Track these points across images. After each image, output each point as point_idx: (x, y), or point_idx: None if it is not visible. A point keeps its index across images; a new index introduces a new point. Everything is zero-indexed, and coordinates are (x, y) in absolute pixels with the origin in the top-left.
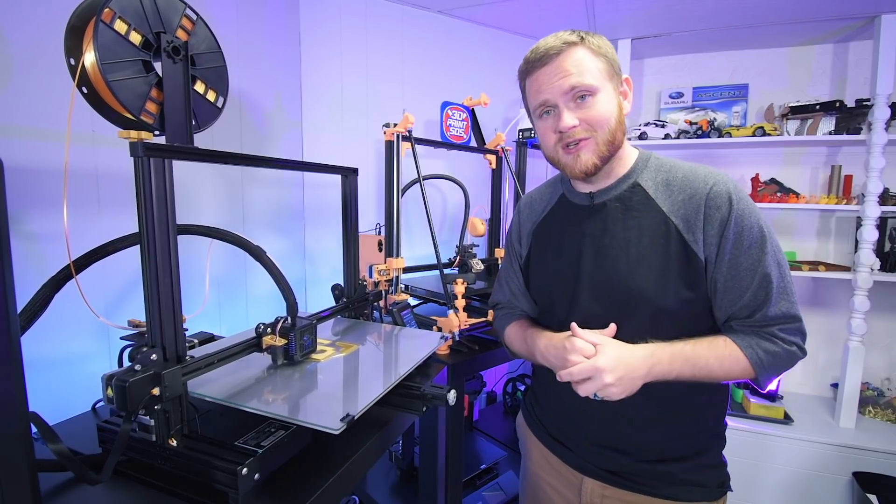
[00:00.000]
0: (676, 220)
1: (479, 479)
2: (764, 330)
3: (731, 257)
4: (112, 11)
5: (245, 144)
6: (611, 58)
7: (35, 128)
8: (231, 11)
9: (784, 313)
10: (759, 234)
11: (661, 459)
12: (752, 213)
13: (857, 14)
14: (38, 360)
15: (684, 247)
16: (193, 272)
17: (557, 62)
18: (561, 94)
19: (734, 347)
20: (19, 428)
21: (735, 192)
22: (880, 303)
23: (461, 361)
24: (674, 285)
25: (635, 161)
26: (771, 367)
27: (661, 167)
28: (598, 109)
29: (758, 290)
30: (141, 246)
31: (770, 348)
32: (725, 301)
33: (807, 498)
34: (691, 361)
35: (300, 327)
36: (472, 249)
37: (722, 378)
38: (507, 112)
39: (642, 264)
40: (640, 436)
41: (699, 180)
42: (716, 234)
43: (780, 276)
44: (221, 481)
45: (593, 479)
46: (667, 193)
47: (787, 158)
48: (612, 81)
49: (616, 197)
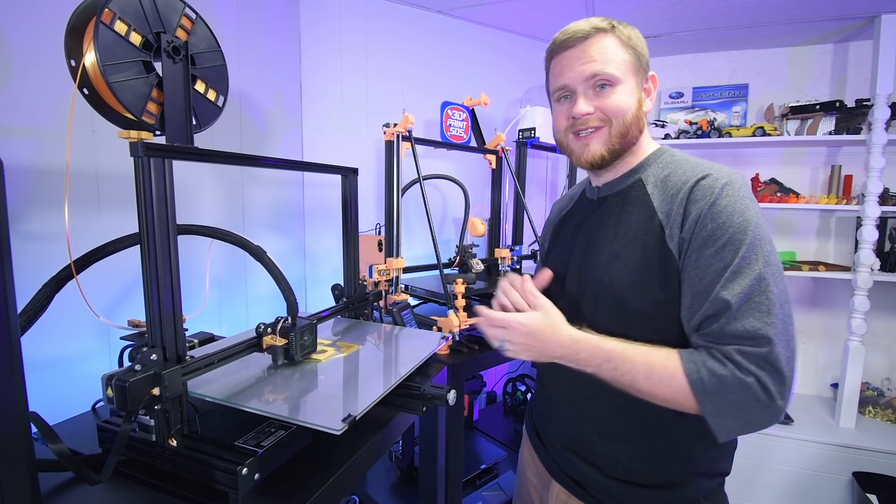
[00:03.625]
0: (661, 215)
1: (478, 479)
2: (718, 348)
3: (700, 256)
4: (112, 12)
5: (245, 144)
6: (640, 51)
7: (35, 128)
8: (231, 11)
9: (748, 331)
10: (739, 234)
11: (627, 481)
12: (738, 212)
13: (857, 14)
14: (38, 360)
15: (662, 243)
16: (193, 272)
17: (583, 47)
18: (581, 81)
19: (674, 360)
20: (19, 428)
21: (725, 187)
22: (880, 303)
23: (461, 361)
24: (646, 284)
25: (646, 156)
26: (717, 399)
27: (669, 163)
28: (616, 100)
29: (719, 297)
30: (141, 246)
31: (717, 370)
32: (688, 305)
33: (807, 498)
34: (614, 362)
35: (300, 327)
36: (472, 249)
37: (647, 394)
38: (507, 112)
39: (620, 258)
40: (605, 446)
41: (693, 172)
42: (690, 228)
43: (756, 287)
44: (221, 481)
45: (560, 485)
46: (662, 189)
47: (787, 158)
48: (637, 76)
49: (618, 192)
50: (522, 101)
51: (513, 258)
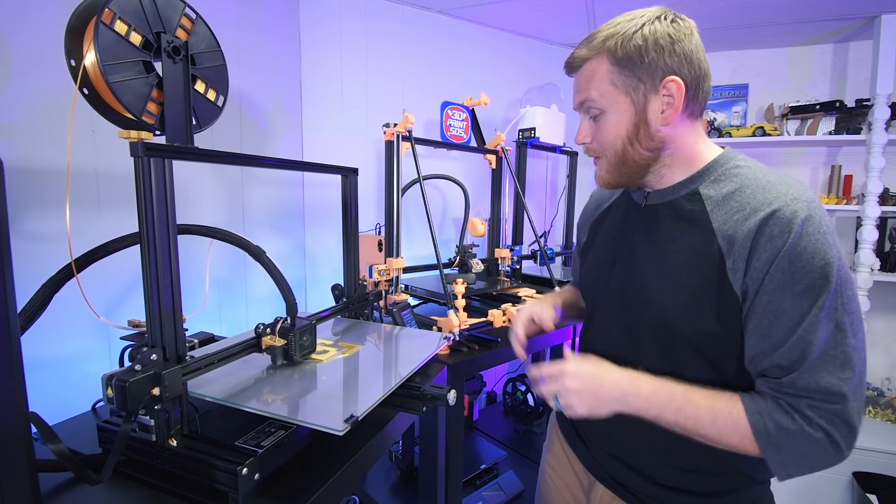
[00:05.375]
0: (722, 240)
1: (479, 479)
2: (786, 399)
3: (773, 299)
4: (112, 12)
5: (245, 144)
6: (643, 65)
7: (35, 128)
8: (231, 11)
9: (822, 388)
10: (820, 280)
11: (676, 488)
12: (820, 253)
13: (857, 14)
14: (38, 360)
15: (722, 273)
16: (193, 272)
17: (575, 76)
18: (577, 107)
19: (739, 407)
20: (19, 428)
21: (804, 223)
22: (880, 303)
23: (461, 361)
24: (700, 313)
25: (707, 165)
26: (782, 448)
27: (736, 176)
28: (605, 131)
29: (793, 348)
30: (141, 246)
31: (783, 423)
32: (755, 350)
33: (807, 498)
34: (676, 404)
35: (299, 328)
36: (472, 249)
37: (714, 439)
38: (507, 112)
39: (671, 282)
40: (651, 458)
41: (765, 198)
42: (762, 267)
43: (832, 339)
44: (221, 481)
45: (604, 487)
46: (724, 208)
47: (787, 158)
48: (635, 94)
49: (669, 202)
50: (522, 101)
51: (513, 258)
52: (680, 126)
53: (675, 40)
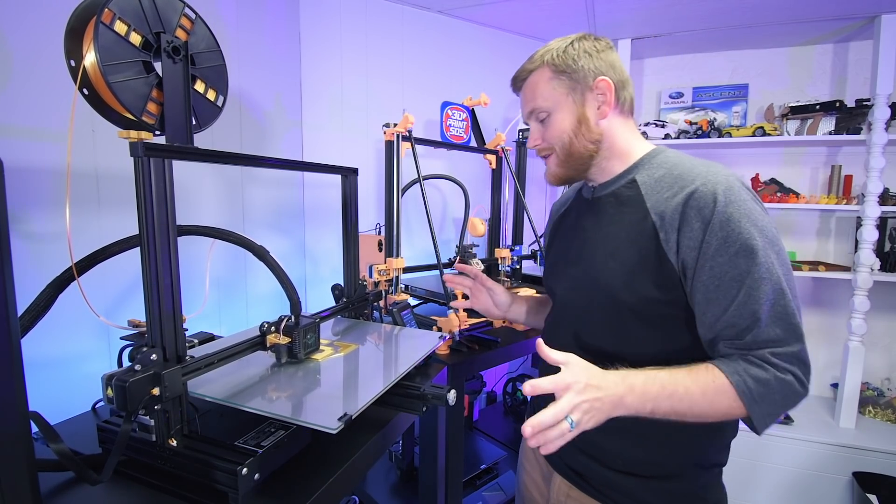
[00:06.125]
0: (655, 216)
1: (478, 479)
2: (753, 354)
3: (714, 264)
4: (112, 12)
5: (245, 144)
6: (575, 68)
7: (35, 128)
8: (231, 11)
9: (779, 336)
10: (749, 240)
11: (627, 472)
12: (745, 218)
13: (857, 14)
14: (38, 360)
15: (657, 246)
16: (193, 272)
17: (522, 89)
18: (527, 118)
19: (718, 374)
20: (19, 428)
21: (725, 194)
22: (880, 303)
23: (461, 361)
24: (640, 283)
25: (641, 157)
26: (763, 401)
27: (664, 163)
28: (553, 128)
29: (744, 305)
30: (141, 246)
31: (760, 375)
32: (709, 315)
33: (807, 498)
34: (668, 389)
35: (304, 325)
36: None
37: (708, 413)
38: (507, 112)
39: (615, 258)
40: (604, 440)
41: (689, 178)
42: (696, 238)
43: (777, 290)
44: (221, 481)
45: (562, 477)
46: (656, 189)
47: (787, 158)
48: (573, 94)
49: (612, 192)
50: None
51: (513, 258)
52: (614, 121)
53: (599, 50)
